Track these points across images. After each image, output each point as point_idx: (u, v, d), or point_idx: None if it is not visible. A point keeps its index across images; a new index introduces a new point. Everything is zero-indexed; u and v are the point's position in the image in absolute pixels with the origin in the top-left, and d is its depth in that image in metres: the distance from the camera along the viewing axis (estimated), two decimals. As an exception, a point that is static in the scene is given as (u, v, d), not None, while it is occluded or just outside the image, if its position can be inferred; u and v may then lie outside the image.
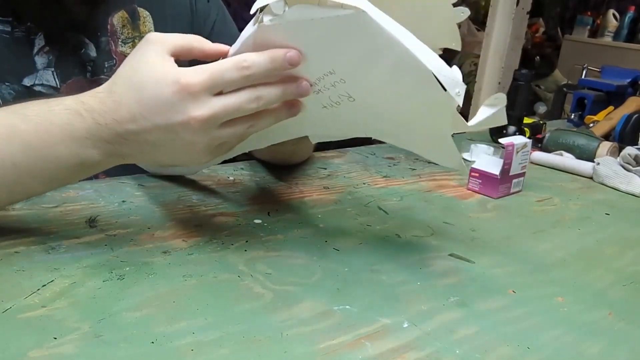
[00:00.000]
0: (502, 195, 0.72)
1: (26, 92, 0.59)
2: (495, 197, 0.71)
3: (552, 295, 0.47)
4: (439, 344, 0.39)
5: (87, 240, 0.49)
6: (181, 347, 0.36)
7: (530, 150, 0.92)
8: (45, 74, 0.60)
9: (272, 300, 0.42)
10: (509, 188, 0.73)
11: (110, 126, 0.42)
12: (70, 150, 0.43)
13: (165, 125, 0.41)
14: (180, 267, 0.46)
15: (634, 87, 1.23)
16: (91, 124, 0.42)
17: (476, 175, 0.73)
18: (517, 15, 1.80)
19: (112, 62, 0.66)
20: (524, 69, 1.01)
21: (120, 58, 0.66)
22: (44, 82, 0.60)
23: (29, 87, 0.59)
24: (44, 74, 0.60)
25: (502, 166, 0.71)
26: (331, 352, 0.37)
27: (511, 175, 0.72)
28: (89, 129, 0.42)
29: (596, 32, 3.05)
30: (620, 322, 0.44)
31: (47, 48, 0.60)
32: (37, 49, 0.60)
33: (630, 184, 0.78)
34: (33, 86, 0.60)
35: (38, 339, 0.35)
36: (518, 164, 0.73)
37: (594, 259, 0.56)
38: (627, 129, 0.99)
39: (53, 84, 0.61)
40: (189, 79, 0.40)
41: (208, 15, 0.74)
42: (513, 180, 0.73)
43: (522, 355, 0.39)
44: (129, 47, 0.67)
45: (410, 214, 0.63)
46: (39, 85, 0.60)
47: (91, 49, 0.64)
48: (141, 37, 0.66)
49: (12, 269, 0.43)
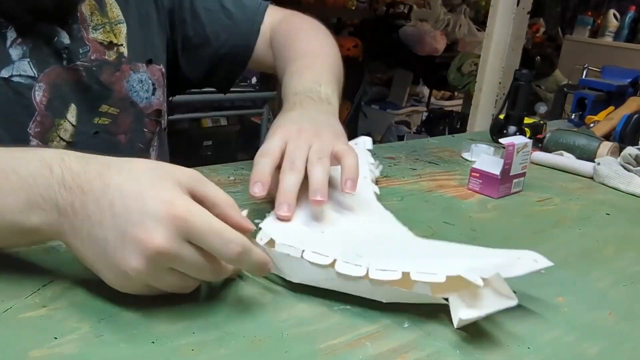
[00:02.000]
0: (502, 195, 0.72)
1: (4, 84, 0.59)
2: (495, 197, 0.71)
3: (553, 296, 0.47)
4: (439, 344, 0.39)
5: (87, 240, 0.49)
6: (181, 347, 0.36)
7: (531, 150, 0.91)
8: (22, 65, 0.60)
9: (272, 300, 0.42)
10: (509, 188, 0.73)
11: (72, 192, 0.38)
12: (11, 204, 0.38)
13: (121, 231, 0.36)
14: (181, 267, 0.46)
15: (635, 87, 1.23)
16: (54, 182, 0.38)
17: (476, 176, 0.73)
18: (517, 15, 1.80)
19: (85, 48, 0.65)
20: (525, 69, 1.01)
21: (93, 44, 0.66)
22: (22, 73, 0.60)
23: (6, 79, 0.59)
24: (20, 64, 0.60)
25: (502, 166, 0.70)
26: (331, 352, 0.37)
27: (512, 175, 0.72)
28: (48, 187, 0.38)
29: (597, 32, 3.05)
30: (621, 322, 0.44)
31: (19, 40, 0.60)
32: (10, 42, 0.60)
33: (630, 184, 0.78)
34: (11, 77, 0.59)
35: (38, 339, 0.35)
36: (518, 164, 0.72)
37: (594, 259, 0.56)
38: (627, 129, 0.99)
39: (30, 73, 0.61)
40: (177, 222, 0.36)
41: None
42: (513, 180, 0.73)
43: (523, 356, 0.39)
44: (99, 33, 0.66)
45: (411, 214, 0.63)
46: (16, 75, 0.60)
47: (64, 37, 0.64)
48: (110, 23, 0.67)
49: (12, 269, 0.43)
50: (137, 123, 0.71)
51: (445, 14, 3.58)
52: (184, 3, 0.76)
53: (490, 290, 0.40)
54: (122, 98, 0.68)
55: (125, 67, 0.69)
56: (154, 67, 0.73)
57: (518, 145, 0.71)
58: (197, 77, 0.82)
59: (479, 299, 0.39)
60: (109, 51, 0.67)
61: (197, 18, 0.77)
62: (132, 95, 0.69)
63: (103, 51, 0.66)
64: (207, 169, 0.72)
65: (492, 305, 0.39)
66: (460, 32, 3.55)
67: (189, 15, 0.77)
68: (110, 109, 0.67)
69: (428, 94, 3.66)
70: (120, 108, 0.68)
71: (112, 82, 0.67)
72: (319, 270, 0.42)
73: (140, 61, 0.71)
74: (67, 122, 0.64)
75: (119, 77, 0.68)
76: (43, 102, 0.61)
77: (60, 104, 0.63)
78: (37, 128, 0.61)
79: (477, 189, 0.73)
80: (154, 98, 0.72)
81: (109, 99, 0.67)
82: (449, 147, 0.95)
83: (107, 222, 0.37)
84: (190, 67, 0.80)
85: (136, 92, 0.70)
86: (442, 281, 0.39)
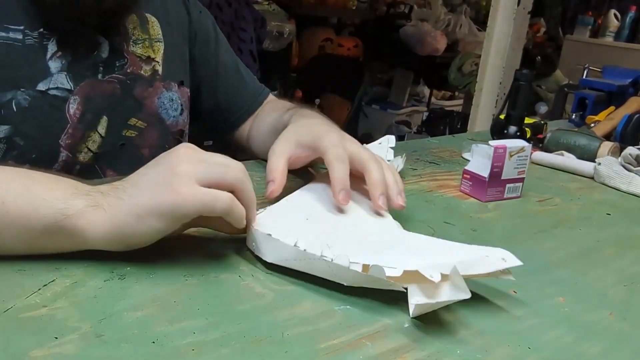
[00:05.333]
0: (492, 200, 0.69)
1: (41, 97, 0.60)
2: (484, 201, 0.69)
3: (553, 296, 0.47)
4: (439, 344, 0.39)
5: (88, 240, 0.49)
6: (182, 347, 0.36)
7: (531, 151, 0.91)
8: (59, 78, 0.61)
9: (273, 300, 0.42)
10: (502, 192, 0.70)
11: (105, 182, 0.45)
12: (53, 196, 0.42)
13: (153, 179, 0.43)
14: (181, 266, 0.46)
15: (635, 87, 1.23)
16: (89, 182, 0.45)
17: (467, 177, 0.71)
18: (518, 15, 1.80)
19: (123, 61, 0.67)
20: (525, 69, 1.01)
21: (131, 57, 0.68)
22: (59, 86, 0.61)
23: (43, 92, 0.60)
24: (58, 77, 0.61)
25: (490, 169, 0.68)
26: (332, 352, 0.37)
27: (504, 180, 0.69)
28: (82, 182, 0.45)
29: (597, 32, 3.05)
30: (621, 322, 0.44)
31: (59, 53, 0.61)
32: (50, 54, 0.61)
33: (631, 184, 0.78)
34: (47, 90, 0.61)
35: (39, 339, 0.35)
36: (513, 169, 0.69)
37: (595, 259, 0.56)
38: (628, 129, 0.99)
39: (67, 86, 0.62)
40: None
41: (200, 24, 0.79)
42: (507, 185, 0.70)
43: (523, 356, 0.39)
44: (139, 47, 0.69)
45: (411, 214, 0.63)
46: (53, 89, 0.61)
47: (104, 50, 0.65)
48: (150, 40, 0.70)
49: (13, 269, 0.43)
50: (162, 139, 0.72)
51: (446, 14, 3.58)
52: (209, 48, 0.80)
53: (447, 283, 0.41)
54: (151, 114, 0.69)
55: (159, 84, 0.70)
56: (184, 89, 0.74)
57: (512, 148, 0.68)
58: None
59: (435, 289, 0.41)
60: (145, 66, 0.69)
61: (216, 67, 0.80)
62: (162, 112, 0.71)
63: (140, 65, 0.68)
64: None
65: (447, 296, 0.40)
66: (461, 32, 3.55)
67: (211, 61, 0.80)
68: (139, 123, 0.69)
69: (428, 94, 3.66)
70: (148, 123, 0.69)
71: (145, 97, 0.69)
72: (291, 250, 0.45)
73: (174, 81, 0.72)
74: (96, 134, 0.65)
75: (151, 93, 0.69)
76: (76, 115, 0.62)
77: (92, 117, 0.64)
78: (68, 140, 0.62)
79: (467, 191, 0.71)
80: (181, 118, 0.74)
81: (140, 112, 0.68)
82: (449, 147, 0.95)
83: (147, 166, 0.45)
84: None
85: (165, 109, 0.71)
86: (399, 275, 0.41)
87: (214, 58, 0.80)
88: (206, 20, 0.81)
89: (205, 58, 0.79)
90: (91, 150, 0.64)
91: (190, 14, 0.78)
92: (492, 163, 0.68)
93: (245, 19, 2.34)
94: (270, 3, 2.70)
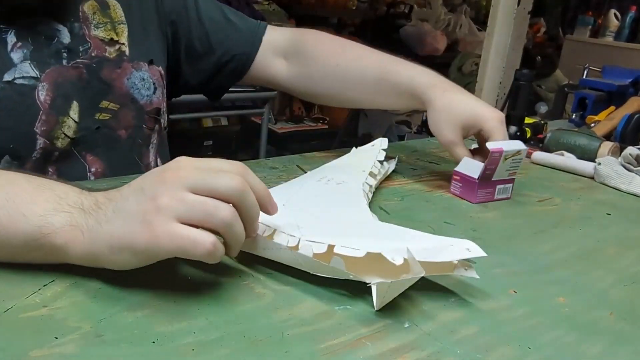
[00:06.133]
0: (483, 201, 0.69)
1: (9, 87, 0.61)
2: (474, 202, 0.68)
3: (553, 296, 0.47)
4: (439, 344, 0.39)
5: (88, 240, 0.49)
6: (182, 347, 0.36)
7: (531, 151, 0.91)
8: (24, 67, 0.62)
9: (273, 300, 0.42)
10: (492, 194, 0.69)
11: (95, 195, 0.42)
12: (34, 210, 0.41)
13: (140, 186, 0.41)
14: (181, 266, 0.46)
15: (636, 87, 1.23)
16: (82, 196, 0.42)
17: (457, 178, 0.70)
18: (518, 15, 1.80)
19: (86, 45, 0.67)
20: (525, 69, 1.01)
21: (94, 41, 0.67)
22: (24, 75, 0.62)
23: (10, 82, 0.61)
24: (22, 67, 0.62)
25: (482, 171, 0.67)
26: (332, 352, 0.37)
27: (495, 181, 0.69)
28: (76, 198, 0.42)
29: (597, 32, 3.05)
30: (622, 322, 0.44)
31: (19, 43, 0.62)
32: (10, 46, 0.61)
33: (631, 184, 0.78)
34: (14, 80, 0.61)
35: (39, 339, 0.35)
36: (505, 170, 0.69)
37: (595, 259, 0.56)
38: (628, 129, 0.99)
39: (33, 74, 0.62)
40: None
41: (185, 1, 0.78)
42: (497, 186, 0.69)
43: (523, 356, 0.39)
44: (101, 31, 0.68)
45: (411, 214, 0.63)
46: (19, 78, 0.61)
47: (64, 36, 0.65)
48: (113, 22, 0.70)
49: (13, 269, 0.43)
50: (137, 119, 0.72)
51: (446, 13, 3.57)
52: (189, 13, 0.79)
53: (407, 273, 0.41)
54: (122, 94, 0.70)
55: (127, 64, 0.70)
56: (154, 68, 0.74)
57: (507, 152, 0.67)
58: (197, 84, 0.84)
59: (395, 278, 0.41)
60: (109, 48, 0.69)
61: (203, 28, 0.80)
62: (134, 92, 0.71)
63: (104, 48, 0.68)
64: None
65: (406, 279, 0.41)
66: (461, 32, 3.55)
67: (195, 25, 0.79)
68: (110, 105, 0.69)
69: (429, 94, 3.65)
70: (121, 104, 0.70)
71: (113, 78, 0.69)
72: (260, 240, 0.46)
73: (143, 60, 0.72)
74: (70, 119, 0.65)
75: (120, 74, 0.69)
76: (47, 101, 0.63)
77: (62, 102, 0.64)
78: (43, 127, 0.63)
79: (457, 192, 0.70)
80: (155, 97, 0.74)
81: (109, 94, 0.68)
82: (449, 147, 0.95)
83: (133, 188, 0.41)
84: (193, 74, 0.82)
85: (137, 89, 0.71)
86: (362, 256, 0.41)
87: (198, 20, 0.80)
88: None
89: (189, 26, 0.79)
90: (67, 136, 0.65)
91: None
92: (486, 165, 0.67)
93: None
94: (270, 3, 2.70)
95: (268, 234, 0.46)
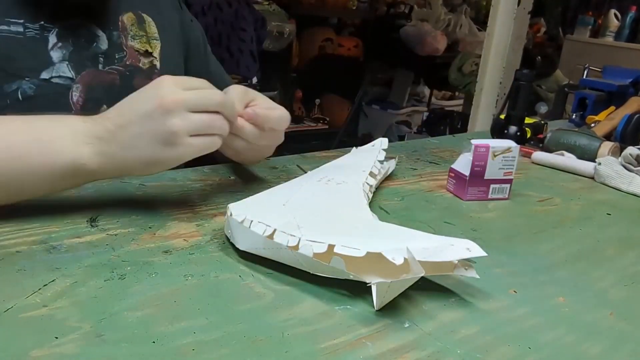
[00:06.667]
0: (474, 199, 0.69)
1: (46, 85, 0.64)
2: (464, 200, 0.68)
3: (554, 296, 0.47)
4: (440, 343, 0.39)
5: (88, 240, 0.49)
6: (182, 346, 0.36)
7: (531, 150, 0.91)
8: (61, 67, 0.65)
9: (273, 300, 0.42)
10: (485, 193, 0.69)
11: (102, 122, 0.50)
12: (65, 145, 0.49)
13: (144, 112, 0.49)
14: (182, 266, 0.46)
15: (636, 87, 1.23)
16: (87, 119, 0.51)
17: (452, 175, 0.71)
18: (518, 15, 1.80)
19: (122, 54, 0.70)
20: (525, 69, 1.01)
21: (130, 51, 0.71)
22: (61, 74, 0.65)
23: (47, 80, 0.64)
24: (59, 66, 0.65)
25: (471, 167, 0.67)
26: (332, 352, 0.37)
27: (488, 180, 0.68)
28: (84, 123, 0.50)
29: (597, 32, 3.05)
30: (622, 322, 0.44)
31: (60, 44, 0.65)
32: (51, 45, 0.64)
33: (631, 184, 0.78)
34: (51, 79, 0.64)
35: (39, 339, 0.35)
36: (498, 169, 0.68)
37: (595, 259, 0.56)
38: (628, 129, 0.99)
39: (69, 75, 0.65)
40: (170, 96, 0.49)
41: (192, 32, 0.83)
42: (491, 185, 0.69)
43: (523, 355, 0.39)
44: (137, 42, 0.72)
45: (411, 214, 0.63)
46: (56, 77, 0.65)
47: (103, 42, 0.69)
48: (148, 37, 0.74)
49: (13, 269, 0.43)
50: None
51: (446, 13, 3.57)
52: (200, 57, 0.84)
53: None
54: None
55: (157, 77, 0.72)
56: None
57: (495, 148, 0.66)
58: None
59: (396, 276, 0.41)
60: (143, 59, 0.73)
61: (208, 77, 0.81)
62: None
63: (138, 58, 0.72)
64: (208, 169, 0.72)
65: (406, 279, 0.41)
66: (461, 32, 3.55)
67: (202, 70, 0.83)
68: None
69: (429, 94, 3.66)
70: None
71: None
72: (260, 239, 0.46)
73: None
74: None
75: None
76: (79, 102, 0.66)
77: (93, 105, 0.67)
78: None
79: (451, 189, 0.71)
80: None
81: None
82: (449, 147, 0.95)
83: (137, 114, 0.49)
84: None
85: None
86: (362, 256, 0.41)
87: (206, 67, 0.85)
88: (197, 29, 0.85)
89: (196, 67, 0.83)
90: None
91: (183, 20, 0.82)
92: (473, 161, 0.67)
93: (245, 19, 2.34)
94: (270, 3, 2.70)
95: (268, 233, 0.46)
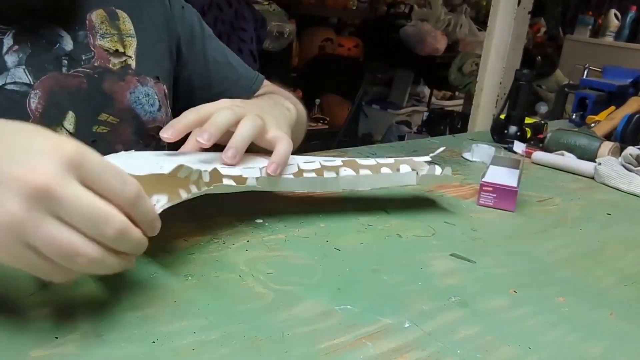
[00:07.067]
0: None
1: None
2: (513, 211, 0.67)
3: (554, 296, 0.47)
4: (440, 344, 0.39)
5: (88, 240, 0.49)
6: (182, 347, 0.36)
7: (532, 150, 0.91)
8: (17, 72, 0.59)
9: (273, 300, 0.42)
10: None
11: None
12: None
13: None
14: (181, 266, 0.46)
15: (636, 87, 1.23)
16: None
17: (489, 189, 0.67)
18: (518, 15, 1.80)
19: (89, 54, 0.65)
20: (526, 69, 1.01)
21: (98, 51, 0.65)
22: (17, 80, 0.59)
23: (1, 87, 0.58)
24: (15, 72, 0.59)
25: (519, 177, 0.68)
26: (332, 352, 0.37)
27: None
28: None
29: (598, 32, 3.05)
30: (622, 322, 0.44)
31: (16, 47, 0.59)
32: (6, 49, 0.59)
33: (631, 184, 0.78)
34: (4, 85, 0.59)
35: (39, 339, 0.35)
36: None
37: (595, 259, 0.56)
38: (628, 129, 0.99)
39: (26, 81, 0.60)
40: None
41: (183, 20, 0.77)
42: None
43: (524, 355, 0.39)
44: (107, 41, 0.66)
45: (412, 214, 0.63)
46: (10, 83, 0.59)
47: (67, 43, 0.63)
48: (121, 35, 0.68)
49: (13, 269, 0.42)
50: (136, 135, 0.69)
51: (446, 13, 3.57)
52: (196, 45, 0.78)
53: None
54: (123, 109, 0.67)
55: (132, 78, 0.68)
56: (160, 85, 0.72)
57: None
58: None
59: None
60: (113, 59, 0.67)
61: (205, 64, 0.80)
62: (136, 107, 0.68)
63: (108, 59, 0.66)
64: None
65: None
66: (461, 32, 3.55)
67: (199, 58, 0.79)
68: (110, 118, 0.66)
69: (429, 94, 3.66)
70: (121, 118, 0.67)
71: (115, 91, 0.66)
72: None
73: (149, 76, 0.70)
74: (63, 130, 0.62)
75: (123, 87, 0.67)
76: (38, 110, 0.60)
77: (56, 112, 0.62)
78: None
79: (490, 203, 0.68)
80: (159, 114, 0.72)
81: (110, 107, 0.66)
82: (449, 147, 0.95)
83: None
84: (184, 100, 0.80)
85: (141, 104, 0.69)
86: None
87: (203, 55, 0.79)
88: (191, 16, 0.79)
89: (193, 56, 0.78)
90: None
91: (172, 9, 0.75)
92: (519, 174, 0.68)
93: (245, 19, 2.34)
94: (270, 3, 2.70)
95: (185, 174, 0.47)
